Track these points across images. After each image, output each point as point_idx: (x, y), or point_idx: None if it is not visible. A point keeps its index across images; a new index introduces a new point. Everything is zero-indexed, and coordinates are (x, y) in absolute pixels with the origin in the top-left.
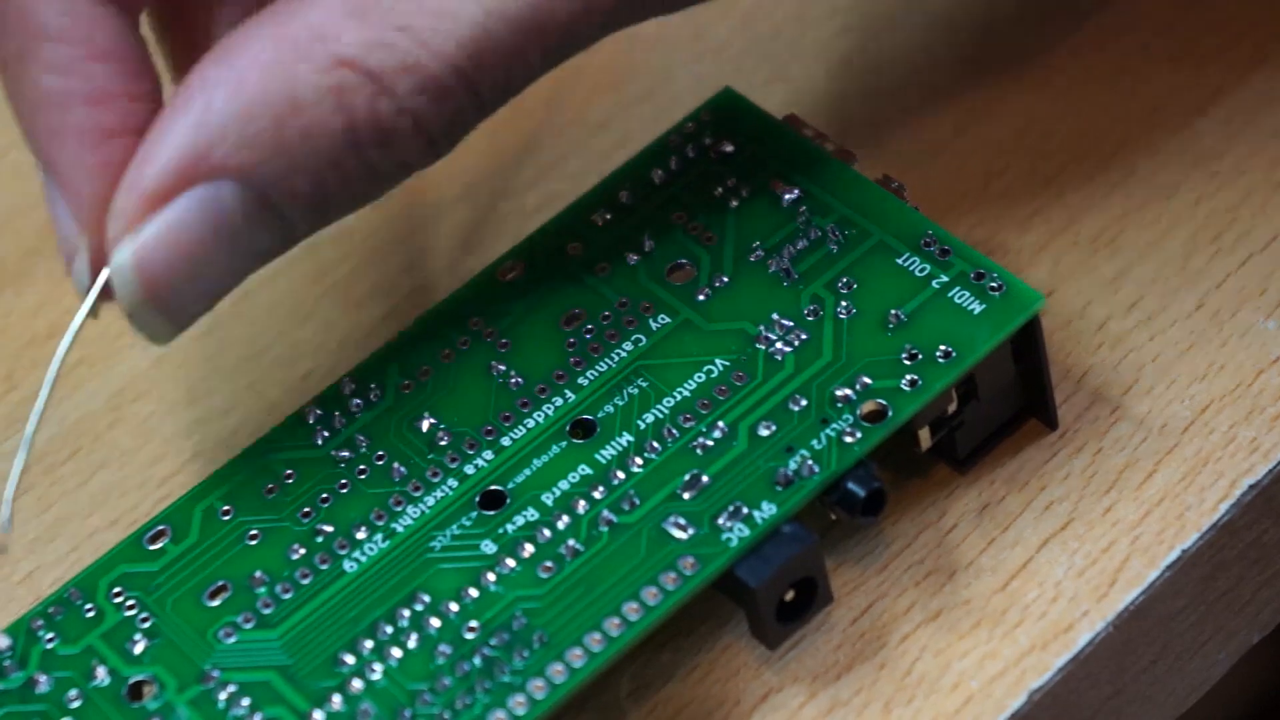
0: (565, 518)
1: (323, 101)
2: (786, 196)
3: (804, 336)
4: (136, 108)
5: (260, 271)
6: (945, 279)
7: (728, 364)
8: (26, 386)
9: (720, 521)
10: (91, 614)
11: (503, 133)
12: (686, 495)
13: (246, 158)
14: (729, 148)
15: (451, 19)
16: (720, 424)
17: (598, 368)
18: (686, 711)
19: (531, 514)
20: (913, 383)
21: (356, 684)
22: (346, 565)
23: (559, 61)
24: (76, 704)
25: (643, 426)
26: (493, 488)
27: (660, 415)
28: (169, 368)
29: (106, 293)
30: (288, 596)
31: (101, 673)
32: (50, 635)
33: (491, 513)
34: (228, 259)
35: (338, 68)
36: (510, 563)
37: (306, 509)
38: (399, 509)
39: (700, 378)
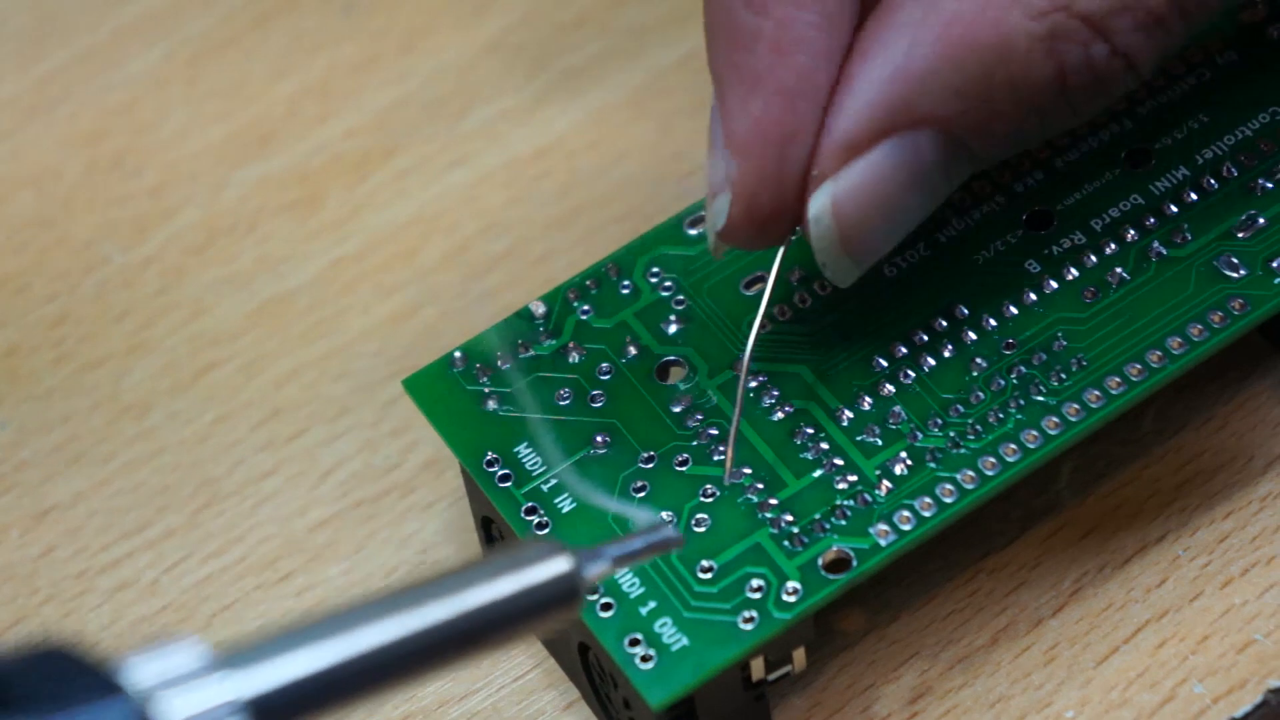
0: (1113, 245)
1: (1034, 49)
2: None
3: None
4: (815, 65)
5: None
6: None
7: None
8: None
9: (1276, 265)
10: (627, 291)
11: None
12: (1241, 235)
13: (951, 108)
14: None
15: None
16: None
17: (1158, 98)
18: (1199, 461)
19: (1078, 238)
20: None
21: (888, 387)
22: (885, 270)
23: None
24: (607, 377)
25: (1200, 161)
26: (1040, 208)
27: (1220, 152)
28: None
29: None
30: (824, 294)
31: (633, 350)
32: (585, 307)
33: (1038, 232)
34: (917, 202)
35: (1053, 12)
36: (1053, 284)
37: None
38: (942, 218)
39: (1265, 118)
